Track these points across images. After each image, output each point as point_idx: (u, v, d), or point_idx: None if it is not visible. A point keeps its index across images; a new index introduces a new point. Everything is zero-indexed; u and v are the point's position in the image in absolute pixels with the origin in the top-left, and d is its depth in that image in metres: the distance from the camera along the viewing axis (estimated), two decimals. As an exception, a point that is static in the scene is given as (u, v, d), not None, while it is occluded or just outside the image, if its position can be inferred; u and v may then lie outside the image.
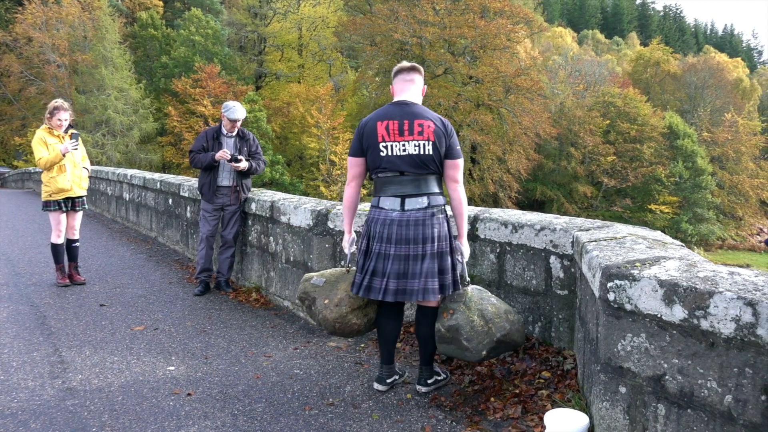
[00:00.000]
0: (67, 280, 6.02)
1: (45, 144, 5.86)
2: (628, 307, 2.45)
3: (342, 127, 33.95)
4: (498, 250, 4.13)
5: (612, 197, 44.48)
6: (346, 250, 3.53)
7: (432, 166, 3.28)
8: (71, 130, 5.97)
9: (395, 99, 3.43)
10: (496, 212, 4.34)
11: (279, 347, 4.23)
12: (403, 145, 3.24)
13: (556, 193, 42.81)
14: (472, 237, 4.30)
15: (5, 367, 3.80)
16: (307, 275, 3.70)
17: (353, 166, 3.38)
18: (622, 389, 2.50)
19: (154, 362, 3.92)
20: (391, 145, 3.24)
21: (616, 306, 2.50)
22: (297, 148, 37.52)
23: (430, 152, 3.25)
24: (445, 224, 3.36)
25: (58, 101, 6.03)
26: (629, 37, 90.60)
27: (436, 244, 3.28)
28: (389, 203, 3.30)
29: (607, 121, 44.04)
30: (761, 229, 49.10)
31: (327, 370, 3.81)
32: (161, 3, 54.94)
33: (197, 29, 43.01)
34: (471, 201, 36.13)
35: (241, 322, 4.85)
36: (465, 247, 3.46)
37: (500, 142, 37.80)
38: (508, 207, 36.38)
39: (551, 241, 3.75)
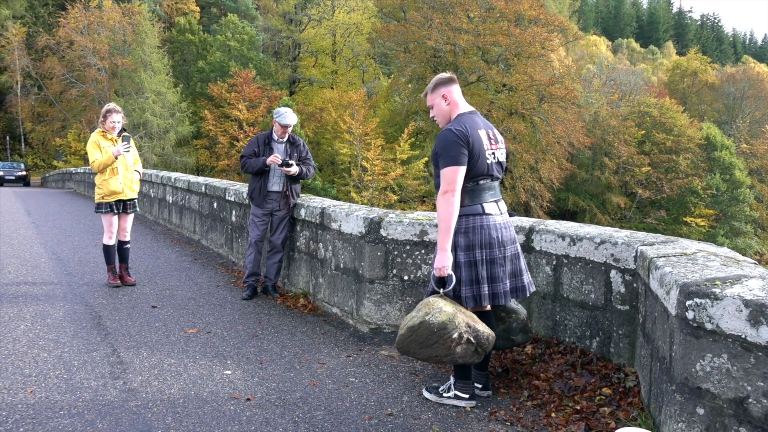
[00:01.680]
0: (118, 281, 6.14)
1: (99, 147, 6.01)
2: (708, 326, 2.39)
3: (374, 133, 34.03)
4: (554, 263, 4.09)
5: (646, 209, 43.75)
6: (449, 270, 3.28)
7: None
8: (124, 133, 6.09)
9: (464, 108, 3.45)
10: (553, 224, 4.30)
11: (332, 354, 4.24)
12: (494, 153, 3.41)
13: (588, 204, 42.29)
14: (527, 248, 4.27)
15: (67, 366, 3.88)
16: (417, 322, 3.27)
17: (461, 174, 3.26)
18: (700, 411, 2.44)
19: (210, 366, 3.96)
20: (493, 153, 3.40)
21: (695, 325, 2.44)
22: (329, 154, 37.74)
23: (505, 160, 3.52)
24: None
25: (111, 105, 6.18)
26: (665, 47, 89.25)
27: (517, 242, 3.53)
28: (491, 208, 3.40)
29: (642, 132, 43.41)
30: (800, 245, 47.73)
31: (382, 379, 3.80)
32: (198, 8, 56.00)
33: (233, 34, 43.65)
34: (502, 209, 35.98)
35: (292, 327, 4.87)
36: None
37: (533, 151, 37.49)
38: (539, 216, 36.04)
39: (612, 255, 3.70)
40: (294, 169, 5.69)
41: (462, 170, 3.25)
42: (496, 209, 3.41)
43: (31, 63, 47.11)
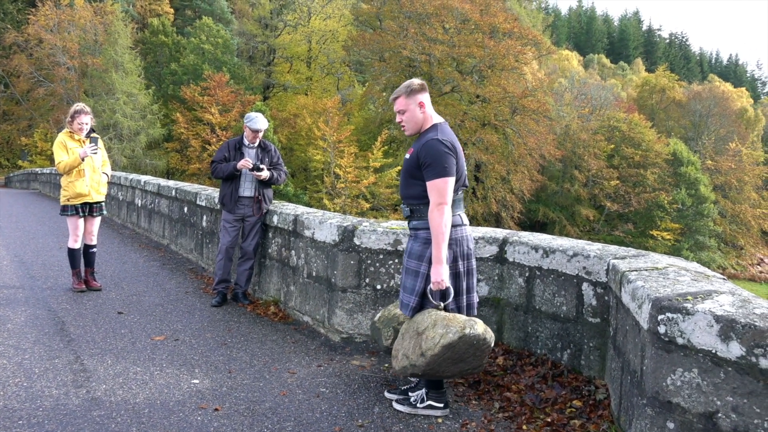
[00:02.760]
0: (83, 286, 5.98)
1: (65, 148, 5.86)
2: (680, 341, 2.42)
3: (348, 141, 34.00)
4: (527, 275, 4.11)
5: (614, 221, 44.46)
6: (447, 283, 3.24)
7: None
8: (92, 134, 5.95)
9: (437, 118, 3.45)
10: (526, 236, 4.32)
11: (302, 364, 4.19)
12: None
13: (558, 215, 42.82)
14: (500, 260, 4.28)
15: (28, 374, 3.75)
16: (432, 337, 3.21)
17: (452, 185, 3.24)
18: (670, 425, 2.46)
19: (177, 374, 3.87)
20: (464, 163, 3.40)
21: (666, 339, 2.46)
22: (302, 160, 37.57)
23: None
24: None
25: (80, 105, 6.03)
26: (635, 63, 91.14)
27: None
28: (465, 218, 3.45)
29: (612, 146, 44.19)
30: (762, 259, 49.07)
31: (353, 389, 3.76)
32: (172, 10, 55.38)
33: (207, 38, 43.27)
34: (473, 220, 36.22)
35: (262, 336, 4.80)
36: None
37: (505, 162, 37.86)
38: (510, 227, 36.37)
39: (584, 268, 3.72)
40: (265, 174, 5.63)
41: (453, 181, 3.25)
42: (467, 219, 3.47)
43: (-2, 60, 45.96)
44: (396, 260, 4.53)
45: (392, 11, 39.66)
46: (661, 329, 2.48)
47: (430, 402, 3.42)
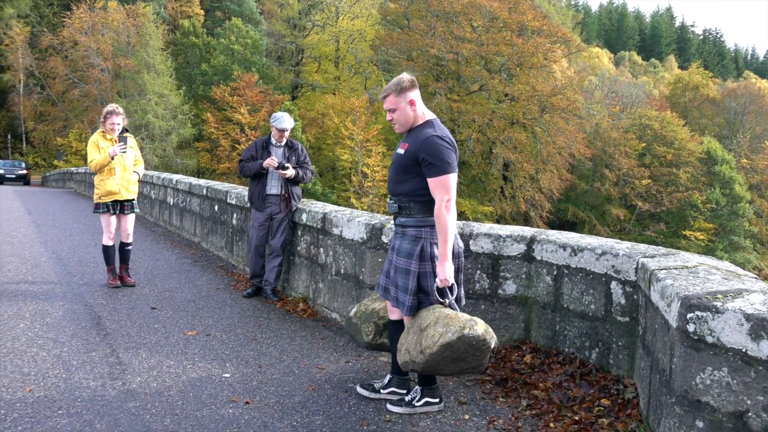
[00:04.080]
0: (118, 282, 6.14)
1: (97, 147, 6.03)
2: (709, 339, 2.40)
3: (375, 140, 34.12)
4: (555, 273, 4.10)
5: (645, 221, 43.80)
6: (452, 280, 3.23)
7: None
8: (125, 134, 6.12)
9: (429, 114, 3.40)
10: (554, 234, 4.31)
11: (331, 360, 4.24)
12: None
13: (588, 215, 42.33)
14: (528, 258, 4.28)
15: (66, 366, 3.88)
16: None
17: (454, 182, 3.22)
18: (700, 423, 2.45)
19: (209, 368, 3.96)
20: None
21: (696, 338, 2.45)
22: (330, 159, 37.80)
23: None
24: None
25: (112, 106, 6.19)
26: (667, 60, 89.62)
27: None
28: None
29: (643, 144, 43.53)
30: (799, 260, 47.77)
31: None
32: (203, 12, 56.18)
33: (237, 38, 43.77)
34: (501, 219, 36.00)
35: (291, 332, 4.87)
36: None
37: (533, 161, 37.58)
38: (538, 227, 36.08)
39: (613, 266, 3.70)
40: (290, 172, 5.71)
41: (456, 177, 3.22)
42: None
43: (35, 62, 47.18)
44: (423, 258, 4.55)
45: (420, 10, 39.63)
46: (690, 328, 2.47)
47: (426, 399, 3.42)
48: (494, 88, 37.81)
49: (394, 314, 3.53)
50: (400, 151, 3.35)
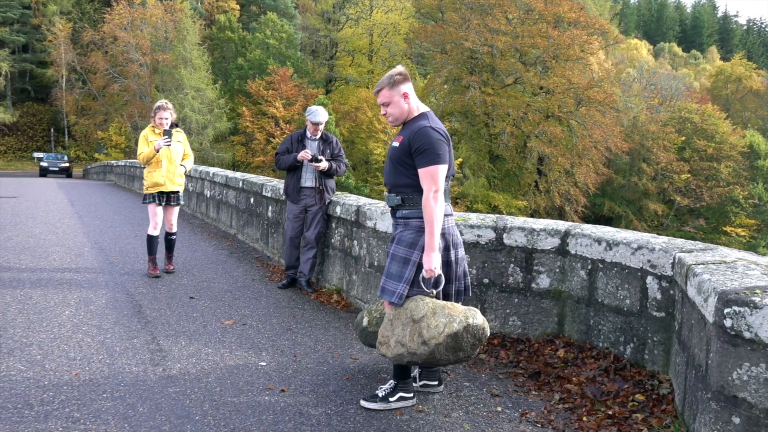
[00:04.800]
0: (158, 272, 6.33)
1: (146, 141, 6.28)
2: (747, 335, 2.38)
3: (409, 134, 34.03)
4: (590, 267, 4.08)
5: (684, 217, 42.87)
6: (440, 270, 3.22)
7: None
8: (174, 129, 6.33)
9: (423, 107, 3.41)
10: (588, 228, 4.28)
11: (364, 350, 4.30)
12: None
13: (624, 210, 41.62)
14: (562, 252, 4.26)
15: (110, 351, 4.02)
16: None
17: (444, 173, 3.24)
18: (736, 419, 2.43)
19: (246, 356, 4.06)
20: (452, 153, 3.38)
21: (733, 333, 2.43)
22: (363, 153, 37.93)
23: None
24: None
25: (161, 102, 6.42)
26: (709, 51, 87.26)
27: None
28: (451, 209, 3.44)
29: (683, 138, 42.54)
30: None
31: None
32: (238, 6, 56.77)
33: (272, 33, 44.15)
34: (536, 214, 35.64)
35: (325, 323, 4.95)
36: None
37: (569, 155, 37.05)
38: (573, 221, 35.61)
39: (649, 261, 3.67)
40: (323, 165, 5.78)
41: (445, 168, 3.23)
42: (452, 209, 3.47)
43: (76, 58, 48.43)
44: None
45: (454, 3, 39.35)
46: (728, 323, 2.44)
47: (400, 394, 3.39)
48: (529, 81, 37.36)
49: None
50: (396, 144, 3.36)
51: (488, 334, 3.24)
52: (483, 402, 3.50)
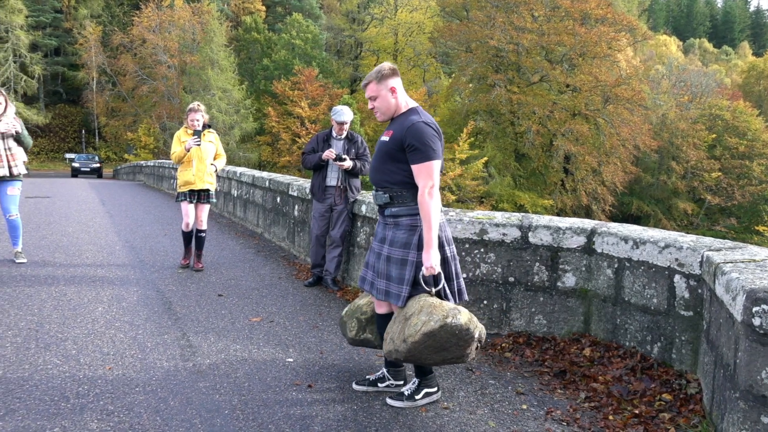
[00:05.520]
0: (186, 262, 6.66)
1: (179, 141, 6.52)
2: (776, 334, 2.36)
3: (434, 133, 33.99)
4: (616, 266, 4.06)
5: (715, 216, 42.08)
6: (439, 268, 3.16)
7: None
8: (206, 130, 6.57)
9: (412, 102, 3.38)
10: (615, 227, 4.26)
11: (389, 348, 4.33)
12: None
13: (653, 209, 41.01)
14: (588, 250, 4.25)
15: (141, 347, 4.12)
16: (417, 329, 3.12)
17: (438, 169, 3.18)
18: (765, 419, 2.41)
19: (273, 353, 4.12)
20: (443, 149, 3.33)
21: (761, 332, 2.41)
22: (388, 152, 37.90)
23: None
24: None
25: (194, 104, 6.64)
26: (740, 47, 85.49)
27: None
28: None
29: (713, 135, 41.75)
30: None
31: (438, 374, 3.86)
32: (264, 8, 57.28)
33: (297, 33, 44.45)
34: (562, 212, 35.29)
35: (351, 320, 4.99)
36: None
37: (596, 153, 36.65)
38: (601, 220, 35.16)
39: (676, 260, 3.64)
40: (347, 164, 5.83)
41: (438, 163, 3.18)
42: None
43: (107, 60, 49.39)
44: (482, 249, 4.59)
45: (479, 1, 39.20)
46: (756, 321, 2.43)
47: (425, 390, 3.39)
48: (555, 79, 37.03)
49: (382, 308, 3.46)
50: (385, 138, 3.31)
51: (475, 335, 3.13)
52: (508, 400, 3.51)
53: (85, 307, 5.00)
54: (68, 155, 46.15)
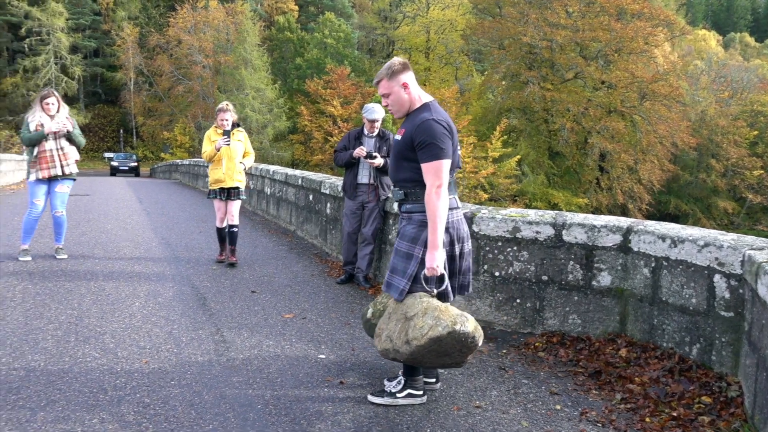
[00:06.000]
0: (222, 257, 6.86)
1: (209, 140, 6.70)
2: (822, 335, 2.28)
3: (466, 131, 33.80)
4: (653, 265, 3.97)
5: (756, 215, 40.95)
6: (443, 269, 3.13)
7: None
8: (235, 129, 6.73)
9: (426, 97, 3.32)
10: (652, 225, 4.17)
11: (421, 345, 4.31)
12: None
13: (692, 208, 40.10)
14: (624, 249, 4.17)
15: (177, 341, 4.18)
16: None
17: (448, 167, 3.13)
18: (810, 423, 2.33)
19: (305, 349, 4.15)
20: (458, 143, 3.29)
21: (807, 333, 2.33)
22: (420, 150, 37.85)
23: None
24: None
25: (222, 104, 6.79)
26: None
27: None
28: (459, 202, 3.35)
29: (755, 132, 40.63)
30: None
31: (471, 372, 3.84)
32: (297, 7, 57.71)
33: (329, 32, 44.67)
34: (597, 212, 34.77)
35: (382, 318, 4.99)
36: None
37: (632, 151, 35.99)
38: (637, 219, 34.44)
39: (716, 259, 3.55)
40: (378, 161, 5.83)
41: (449, 163, 3.12)
42: (459, 203, 3.38)
43: (143, 61, 50.40)
44: (515, 247, 4.54)
45: (512, -3, 38.81)
46: (802, 322, 2.34)
47: (408, 390, 3.34)
48: (590, 76, 36.47)
49: None
50: (398, 137, 3.29)
51: (479, 343, 3.09)
52: (541, 400, 3.47)
53: (122, 302, 5.10)
54: (107, 154, 47.22)
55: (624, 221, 4.35)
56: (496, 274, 4.61)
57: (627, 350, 3.99)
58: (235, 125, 6.75)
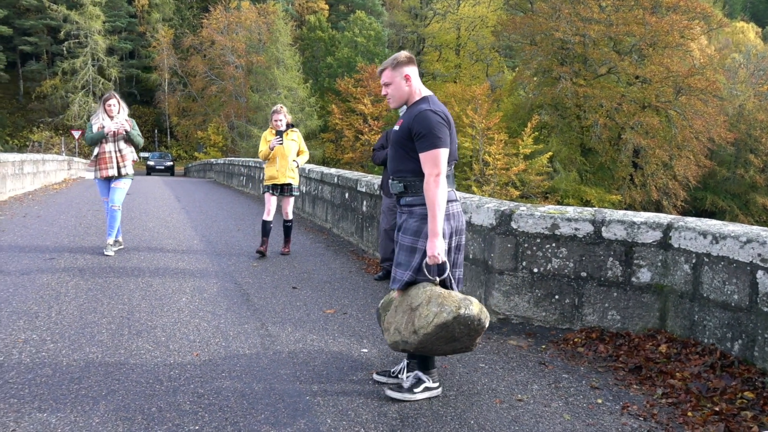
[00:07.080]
0: (263, 249, 7.18)
1: (265, 140, 7.22)
2: None
3: (497, 128, 33.69)
4: (694, 261, 3.98)
5: (797, 211, 39.80)
6: (444, 257, 3.16)
7: None
8: (289, 129, 7.23)
9: (426, 91, 3.38)
10: (693, 221, 4.18)
11: (461, 340, 4.39)
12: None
13: (729, 204, 39.22)
14: (664, 245, 4.18)
15: (224, 335, 4.34)
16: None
17: (446, 157, 3.19)
18: None
19: (348, 344, 4.27)
20: (455, 136, 3.35)
21: None
22: (451, 148, 37.80)
23: None
24: None
25: (276, 106, 7.32)
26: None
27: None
28: (457, 194, 3.40)
29: (796, 126, 39.46)
30: None
31: (511, 366, 3.91)
32: (327, 6, 58.03)
33: (360, 31, 44.86)
34: (631, 208, 34.26)
35: (421, 313, 5.08)
36: None
37: (667, 147, 35.37)
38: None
39: (759, 255, 3.55)
40: None
41: (446, 152, 3.18)
42: (458, 195, 3.47)
43: (178, 62, 51.30)
44: (553, 244, 4.59)
45: (544, -8, 38.44)
46: None
47: (425, 384, 3.38)
48: (624, 71, 35.93)
49: None
50: (396, 128, 3.36)
51: (486, 325, 3.14)
52: (582, 393, 3.52)
53: (170, 297, 5.29)
54: (143, 154, 48.16)
55: (664, 218, 4.36)
56: (535, 270, 4.66)
57: (667, 346, 4.01)
58: (289, 126, 7.21)
